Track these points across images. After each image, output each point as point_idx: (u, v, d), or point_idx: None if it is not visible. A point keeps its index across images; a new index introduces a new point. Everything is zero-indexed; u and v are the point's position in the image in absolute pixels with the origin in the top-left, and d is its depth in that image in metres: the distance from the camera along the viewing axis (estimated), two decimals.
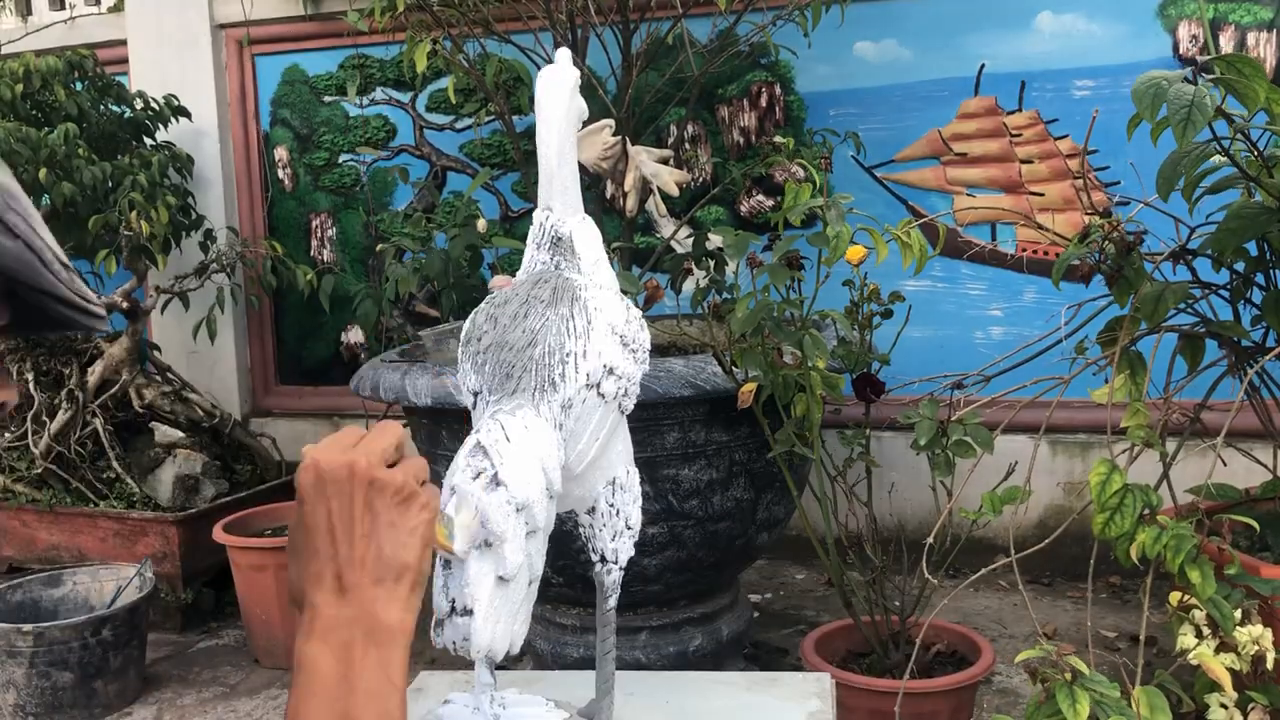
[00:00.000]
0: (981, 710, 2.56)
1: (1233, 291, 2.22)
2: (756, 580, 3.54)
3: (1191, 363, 2.18)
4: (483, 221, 3.46)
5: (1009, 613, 3.18)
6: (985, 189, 3.49)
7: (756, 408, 2.24)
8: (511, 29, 3.31)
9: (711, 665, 2.53)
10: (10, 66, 3.60)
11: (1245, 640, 1.70)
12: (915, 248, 2.14)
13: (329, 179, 4.20)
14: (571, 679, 1.59)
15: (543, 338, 1.22)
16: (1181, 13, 3.26)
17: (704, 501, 2.37)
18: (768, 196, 3.70)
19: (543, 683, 1.57)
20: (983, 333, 3.54)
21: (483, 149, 3.99)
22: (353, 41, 3.94)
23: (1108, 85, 3.32)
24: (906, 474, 2.82)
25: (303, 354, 4.31)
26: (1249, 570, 1.99)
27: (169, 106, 3.93)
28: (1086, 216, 2.24)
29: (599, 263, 1.36)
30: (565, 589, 2.51)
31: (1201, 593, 1.69)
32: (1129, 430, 1.95)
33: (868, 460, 2.38)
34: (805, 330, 2.19)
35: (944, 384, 2.29)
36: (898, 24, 3.50)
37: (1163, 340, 2.06)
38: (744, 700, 1.50)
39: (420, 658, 3.16)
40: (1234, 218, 2.01)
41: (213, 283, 3.86)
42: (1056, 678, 1.52)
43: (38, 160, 3.36)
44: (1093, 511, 1.83)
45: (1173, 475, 2.17)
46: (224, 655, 3.28)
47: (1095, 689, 1.51)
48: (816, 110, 3.61)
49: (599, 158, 2.90)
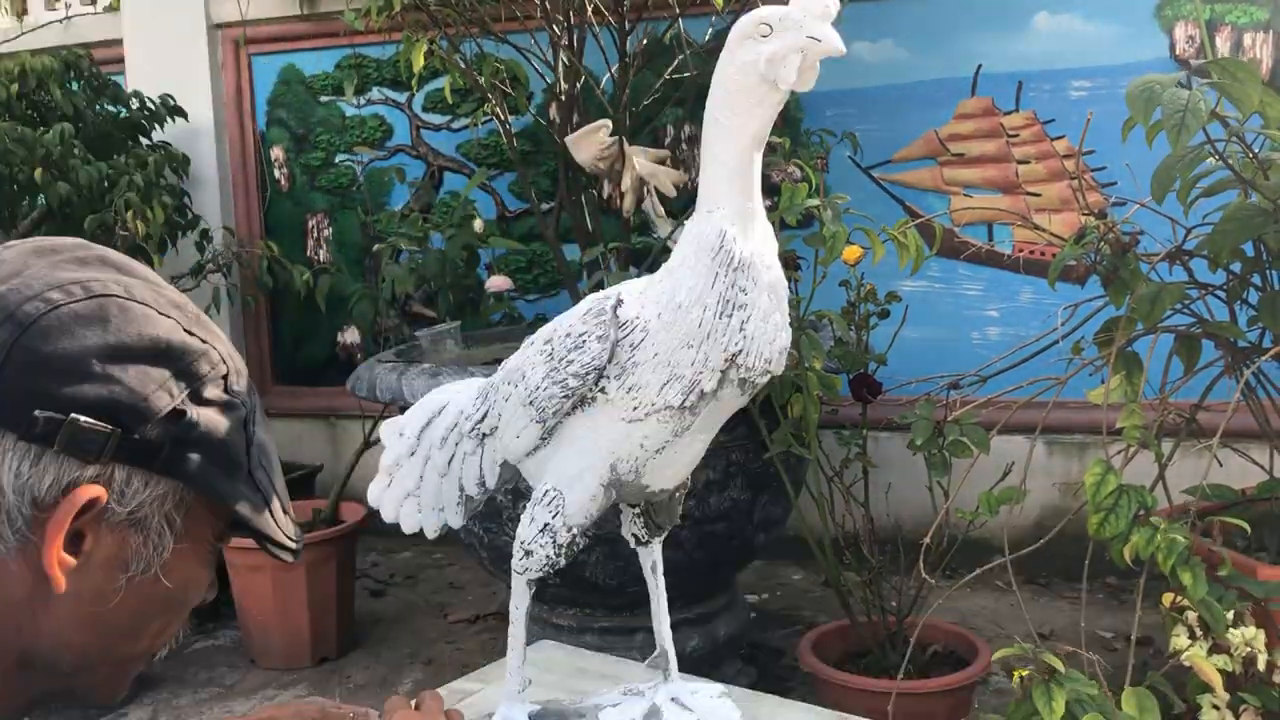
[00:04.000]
0: (978, 711, 2.56)
1: (1229, 292, 2.22)
2: (753, 581, 3.54)
3: (1188, 363, 2.18)
4: (479, 221, 3.46)
5: (1006, 613, 3.17)
6: (982, 189, 3.49)
7: (753, 408, 2.24)
8: (508, 29, 3.30)
9: (708, 666, 2.53)
10: (6, 66, 3.60)
11: (1238, 642, 1.70)
12: (912, 248, 2.14)
13: (325, 179, 4.20)
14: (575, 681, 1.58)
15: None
16: (1178, 13, 3.26)
17: (701, 502, 2.37)
18: (764, 196, 3.69)
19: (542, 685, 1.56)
20: (979, 333, 3.54)
21: (479, 149, 3.98)
22: (349, 41, 3.94)
23: (1105, 86, 3.32)
24: (903, 474, 2.82)
25: (299, 354, 4.31)
26: (1245, 571, 1.99)
27: (165, 106, 3.92)
28: (1083, 217, 2.24)
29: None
30: (562, 589, 2.51)
31: (1194, 594, 1.69)
32: (1125, 431, 1.95)
33: (864, 461, 2.38)
34: (802, 331, 2.19)
35: (941, 384, 2.29)
36: (895, 24, 3.50)
37: (1159, 341, 2.06)
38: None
39: (418, 657, 3.16)
40: (1230, 219, 2.01)
41: (209, 283, 3.85)
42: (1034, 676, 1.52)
43: (33, 160, 3.35)
44: (1088, 512, 1.83)
45: (1169, 476, 2.16)
46: (220, 656, 3.27)
47: (1073, 686, 1.51)
48: (813, 110, 3.61)
49: (596, 158, 2.90)
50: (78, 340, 0.73)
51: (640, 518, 1.34)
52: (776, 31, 1.10)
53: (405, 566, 3.95)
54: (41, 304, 0.74)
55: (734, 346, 1.13)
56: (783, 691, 2.76)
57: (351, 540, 3.29)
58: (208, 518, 0.81)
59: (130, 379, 0.74)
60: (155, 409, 0.75)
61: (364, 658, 3.20)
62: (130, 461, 0.75)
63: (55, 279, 0.75)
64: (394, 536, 4.18)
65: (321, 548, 3.14)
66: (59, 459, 0.72)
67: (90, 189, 3.45)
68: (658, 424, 1.18)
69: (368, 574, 3.82)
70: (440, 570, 3.88)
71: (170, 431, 0.76)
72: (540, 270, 3.94)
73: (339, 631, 3.21)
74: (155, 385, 0.75)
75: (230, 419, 0.80)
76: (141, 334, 0.76)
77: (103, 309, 0.75)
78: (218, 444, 0.78)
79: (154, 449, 0.75)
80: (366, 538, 3.92)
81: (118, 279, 0.78)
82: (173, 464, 0.76)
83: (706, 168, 1.17)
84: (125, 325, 0.75)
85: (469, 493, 1.36)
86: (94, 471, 0.73)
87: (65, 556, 0.73)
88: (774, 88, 1.11)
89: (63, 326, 0.73)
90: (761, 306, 1.14)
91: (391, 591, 3.72)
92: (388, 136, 4.11)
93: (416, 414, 1.42)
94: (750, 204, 1.17)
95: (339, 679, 3.07)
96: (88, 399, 0.73)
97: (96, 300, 0.75)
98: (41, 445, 0.72)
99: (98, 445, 0.73)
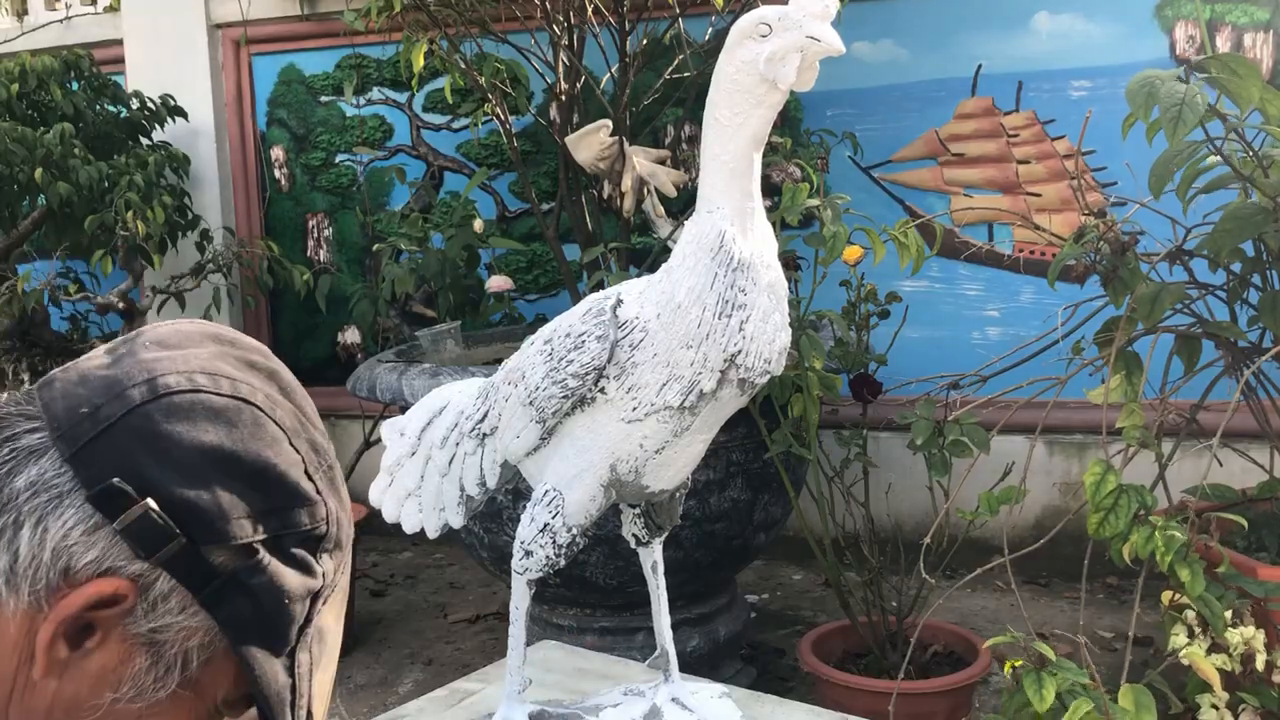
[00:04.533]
0: (978, 711, 2.56)
1: (1229, 292, 2.22)
2: (754, 581, 3.54)
3: (1188, 363, 2.18)
4: (479, 222, 3.46)
5: (1006, 613, 3.17)
6: (982, 189, 3.49)
7: (753, 408, 2.24)
8: (508, 29, 3.30)
9: (709, 666, 2.53)
10: (6, 66, 3.60)
11: (1236, 641, 1.70)
12: (912, 248, 2.14)
13: (326, 179, 4.20)
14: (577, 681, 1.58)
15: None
16: (1178, 13, 3.26)
17: (701, 502, 2.37)
18: (764, 196, 3.69)
19: (542, 684, 1.56)
20: (979, 333, 3.54)
21: (480, 149, 3.98)
22: (349, 41, 3.94)
23: (1105, 86, 3.32)
24: (903, 474, 2.82)
25: (299, 354, 4.30)
26: (1245, 571, 1.99)
27: (165, 106, 3.92)
28: (1083, 217, 2.24)
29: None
30: (562, 589, 2.51)
31: (1191, 591, 1.69)
32: (1125, 431, 1.95)
33: (865, 461, 2.38)
34: (802, 331, 2.19)
35: (941, 384, 2.29)
36: (895, 24, 3.50)
37: (1159, 341, 2.06)
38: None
39: (418, 657, 3.16)
40: (1230, 218, 2.01)
41: (209, 283, 3.85)
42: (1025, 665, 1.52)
43: (34, 160, 3.35)
44: (1088, 512, 1.83)
45: (1169, 476, 2.16)
46: None
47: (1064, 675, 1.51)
48: (813, 110, 3.61)
49: (596, 158, 2.90)
50: (196, 431, 0.68)
51: (640, 518, 1.34)
52: (776, 31, 1.10)
53: (405, 566, 3.95)
54: (185, 381, 0.69)
55: (733, 347, 1.13)
56: (783, 691, 2.76)
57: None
58: (224, 679, 0.72)
59: (222, 493, 0.68)
60: (230, 535, 0.68)
61: (364, 658, 3.20)
62: (179, 576, 0.67)
63: (209, 365, 0.71)
64: (394, 536, 4.20)
65: None
66: (112, 539, 0.66)
67: (90, 189, 3.45)
68: (657, 424, 1.18)
69: (368, 574, 3.82)
70: (440, 570, 3.88)
71: (233, 565, 0.68)
72: (540, 270, 3.94)
73: None
74: (242, 512, 0.69)
75: (298, 585, 0.71)
76: (260, 455, 0.70)
77: (237, 413, 0.70)
78: (273, 603, 0.70)
79: (209, 575, 0.68)
80: (366, 538, 3.92)
81: (271, 394, 0.73)
82: (219, 600, 0.68)
83: (706, 167, 1.17)
84: (249, 439, 0.70)
85: (470, 493, 1.36)
86: (138, 569, 0.66)
87: (61, 642, 0.66)
88: (773, 87, 1.11)
89: (190, 412, 0.69)
90: (761, 307, 1.14)
91: (391, 591, 3.72)
92: (388, 136, 4.11)
93: (417, 414, 1.42)
94: (750, 204, 1.17)
95: (339, 679, 3.07)
96: (170, 493, 0.67)
97: (236, 402, 0.71)
98: (103, 517, 0.66)
99: (156, 543, 0.66)
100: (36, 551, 0.66)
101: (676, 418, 1.17)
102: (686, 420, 1.18)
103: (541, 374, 1.22)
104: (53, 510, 0.66)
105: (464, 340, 3.08)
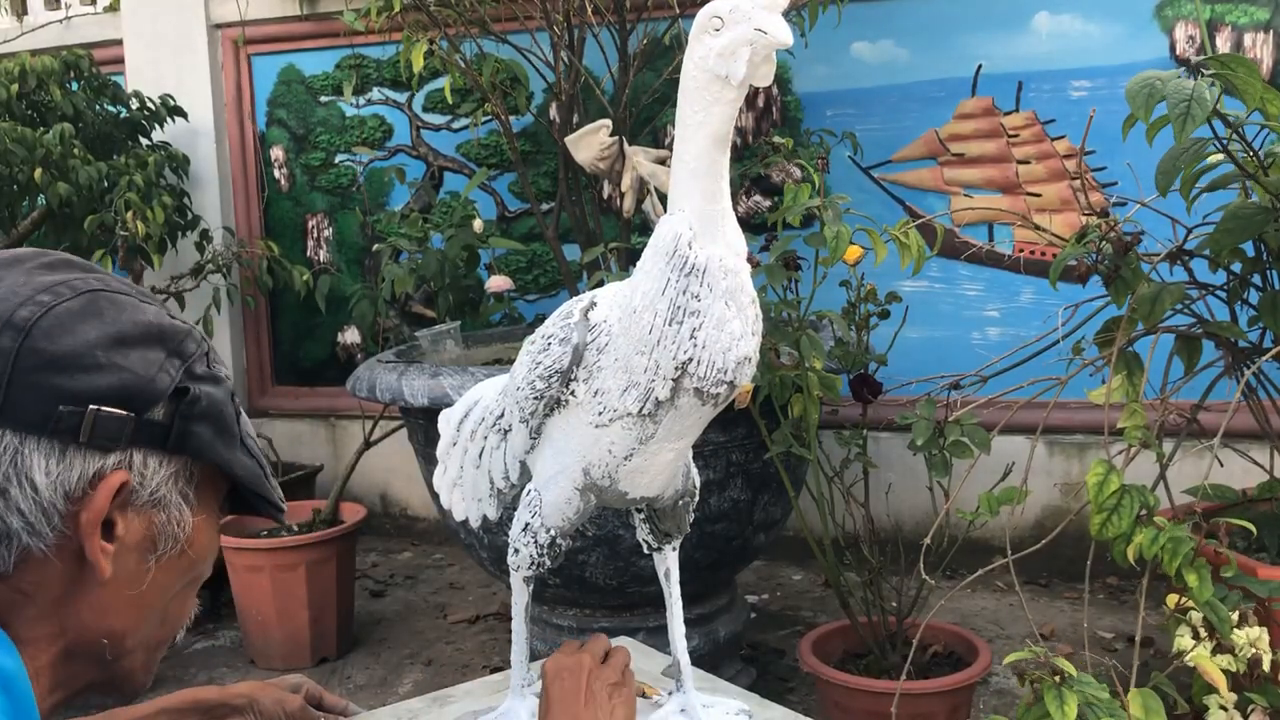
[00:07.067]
0: (979, 711, 2.56)
1: (1230, 292, 2.22)
2: (753, 581, 3.54)
3: (1188, 363, 2.18)
4: (479, 222, 3.46)
5: (1006, 614, 3.17)
6: (982, 189, 3.49)
7: (754, 408, 2.24)
8: (508, 29, 3.30)
9: (708, 666, 2.52)
10: (6, 66, 3.59)
11: (1242, 642, 1.70)
12: (913, 248, 2.13)
13: (325, 179, 4.20)
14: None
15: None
16: (1178, 13, 3.26)
17: (701, 502, 2.36)
18: (765, 197, 3.70)
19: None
20: (980, 333, 3.54)
21: (479, 149, 3.98)
22: (349, 41, 3.94)
23: (1105, 86, 3.32)
24: (904, 475, 2.82)
25: (299, 354, 4.30)
26: (1246, 572, 1.98)
27: (165, 106, 3.92)
28: (1084, 217, 2.23)
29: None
30: (562, 590, 2.51)
31: (1199, 596, 1.69)
32: (1126, 431, 1.95)
33: (865, 461, 2.37)
34: (802, 331, 2.19)
35: (941, 384, 2.29)
36: (895, 24, 3.50)
37: (1160, 341, 2.06)
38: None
39: (418, 658, 3.15)
40: (1231, 218, 2.01)
41: (209, 283, 3.85)
42: (1046, 679, 1.52)
43: (33, 160, 3.35)
44: (1090, 512, 1.83)
45: (1170, 476, 2.16)
46: (220, 656, 3.27)
47: (1084, 690, 1.50)
48: (813, 110, 3.61)
49: (596, 158, 2.90)
50: (79, 335, 0.77)
51: (647, 524, 1.34)
52: (727, 24, 1.06)
53: (405, 566, 3.94)
54: (36, 307, 0.76)
55: (683, 354, 1.08)
56: (783, 691, 2.76)
57: (351, 540, 3.29)
58: (214, 487, 0.86)
59: (134, 364, 0.78)
60: (160, 390, 0.79)
61: (364, 658, 3.20)
62: (146, 444, 0.79)
63: (38, 283, 0.78)
64: (394, 536, 4.21)
65: (321, 548, 3.13)
66: (83, 451, 0.76)
67: (90, 189, 3.45)
68: (622, 430, 1.16)
69: (368, 574, 3.81)
70: (440, 570, 3.88)
71: (176, 409, 0.80)
72: (540, 270, 3.94)
73: (339, 632, 3.21)
74: (156, 367, 0.79)
75: (220, 391, 0.84)
76: (135, 321, 0.80)
77: (94, 303, 0.79)
78: (216, 416, 0.83)
79: (165, 429, 0.80)
80: (366, 538, 3.92)
81: (95, 276, 0.82)
82: (182, 441, 0.81)
83: (674, 168, 1.13)
84: (119, 315, 0.79)
85: (498, 486, 1.37)
86: (115, 459, 0.77)
87: (104, 544, 0.78)
88: (727, 84, 1.08)
89: (62, 325, 0.76)
90: (715, 314, 1.08)
91: (391, 591, 3.72)
92: (388, 136, 4.11)
93: (458, 407, 1.44)
94: (713, 206, 1.10)
95: (339, 679, 3.07)
96: (100, 389, 0.76)
97: (86, 296, 0.79)
98: (65, 440, 0.75)
99: (117, 432, 0.77)
100: (35, 499, 0.75)
101: (639, 424, 1.15)
102: (649, 428, 1.15)
103: (522, 374, 1.22)
104: (22, 464, 0.75)
105: (464, 340, 3.08)
